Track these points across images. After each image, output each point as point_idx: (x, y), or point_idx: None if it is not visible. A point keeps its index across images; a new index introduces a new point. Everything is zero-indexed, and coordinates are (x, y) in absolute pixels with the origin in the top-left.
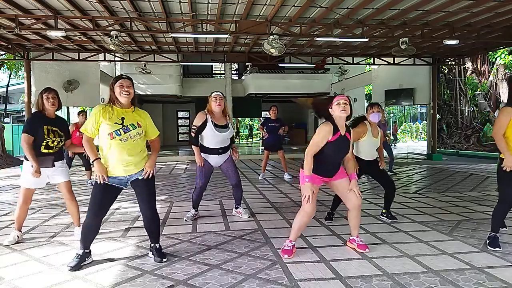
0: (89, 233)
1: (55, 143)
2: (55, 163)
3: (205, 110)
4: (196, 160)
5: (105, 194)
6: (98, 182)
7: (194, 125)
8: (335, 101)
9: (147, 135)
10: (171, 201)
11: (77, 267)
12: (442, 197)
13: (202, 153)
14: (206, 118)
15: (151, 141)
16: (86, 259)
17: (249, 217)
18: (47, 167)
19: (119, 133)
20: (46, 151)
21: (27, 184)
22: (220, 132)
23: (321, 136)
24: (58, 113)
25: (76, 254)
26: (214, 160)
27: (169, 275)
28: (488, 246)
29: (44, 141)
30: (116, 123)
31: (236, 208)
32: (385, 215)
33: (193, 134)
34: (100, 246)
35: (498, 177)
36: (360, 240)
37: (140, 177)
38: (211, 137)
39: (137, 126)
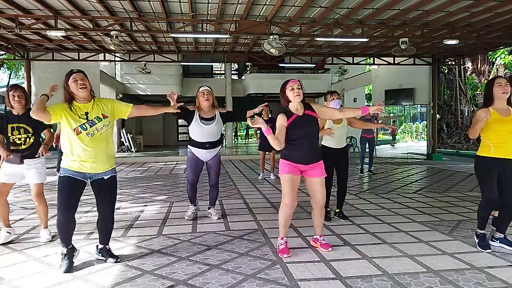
0: (66, 230)
1: (22, 140)
2: (26, 160)
3: (195, 106)
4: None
5: (71, 188)
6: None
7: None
8: (289, 86)
9: (123, 113)
10: (171, 201)
11: (69, 266)
12: (442, 197)
13: (190, 147)
14: (194, 112)
15: (136, 112)
16: (74, 254)
17: (218, 218)
18: (15, 164)
19: (85, 127)
20: (14, 147)
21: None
22: (205, 124)
23: (278, 125)
24: None
25: (62, 254)
26: (201, 154)
27: (169, 275)
28: (477, 247)
29: (11, 139)
30: (80, 118)
31: (209, 208)
32: (337, 215)
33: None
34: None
35: (477, 177)
36: (323, 240)
37: (106, 177)
38: (196, 130)
39: (102, 118)
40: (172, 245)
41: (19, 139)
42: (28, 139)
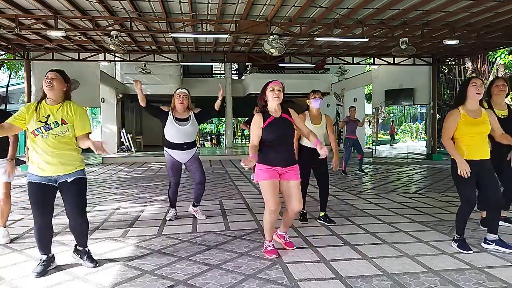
0: (43, 237)
1: None
2: None
3: (170, 107)
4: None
5: (40, 193)
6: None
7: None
8: (270, 87)
9: (76, 131)
10: None
11: (43, 273)
12: (442, 197)
13: (167, 149)
14: (168, 112)
15: (80, 142)
16: (51, 264)
17: (206, 218)
18: None
19: (41, 131)
20: None
21: None
22: (180, 125)
23: (253, 126)
24: None
25: (40, 260)
26: (179, 156)
27: (169, 275)
28: (457, 248)
29: None
30: (40, 120)
31: (194, 206)
32: (322, 219)
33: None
34: (100, 246)
35: (453, 179)
36: (288, 238)
37: (69, 180)
38: (171, 131)
39: (60, 123)
40: (172, 245)
41: None
42: None
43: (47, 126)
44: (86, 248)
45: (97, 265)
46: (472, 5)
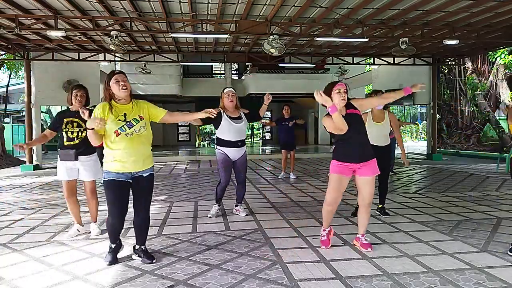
0: (115, 229)
1: (75, 134)
2: (80, 157)
3: (220, 107)
4: None
5: (119, 190)
6: (98, 127)
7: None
8: (336, 89)
9: (156, 117)
10: (171, 201)
11: (113, 260)
12: (442, 197)
13: (221, 147)
14: (221, 113)
15: (169, 118)
16: (119, 249)
17: (246, 215)
18: (70, 161)
19: (124, 129)
20: (68, 143)
21: (60, 176)
22: (236, 123)
23: (328, 119)
24: None
25: (109, 248)
26: (233, 153)
27: (169, 275)
28: (509, 252)
29: (63, 132)
30: (119, 120)
31: (236, 206)
32: (378, 211)
33: None
34: (100, 246)
35: (510, 176)
36: (365, 239)
37: (144, 175)
38: (228, 130)
39: (139, 119)
40: (172, 245)
41: (72, 132)
42: (80, 133)
43: (129, 123)
44: (143, 246)
45: (155, 261)
46: (472, 5)
